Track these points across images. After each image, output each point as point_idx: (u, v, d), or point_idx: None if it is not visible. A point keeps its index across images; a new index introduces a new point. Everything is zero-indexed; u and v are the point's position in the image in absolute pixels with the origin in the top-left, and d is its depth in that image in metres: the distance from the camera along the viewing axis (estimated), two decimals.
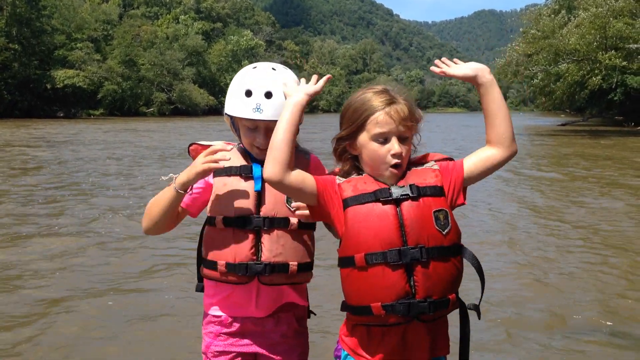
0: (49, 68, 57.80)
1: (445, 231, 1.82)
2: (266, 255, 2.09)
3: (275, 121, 1.99)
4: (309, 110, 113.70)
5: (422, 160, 1.99)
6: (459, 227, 1.87)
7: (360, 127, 1.89)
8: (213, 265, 2.13)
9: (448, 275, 1.82)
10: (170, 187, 2.11)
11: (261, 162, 2.12)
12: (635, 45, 29.08)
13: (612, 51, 29.83)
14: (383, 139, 1.86)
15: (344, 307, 1.92)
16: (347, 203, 1.87)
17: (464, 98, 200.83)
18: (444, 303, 1.82)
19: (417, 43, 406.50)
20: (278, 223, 2.11)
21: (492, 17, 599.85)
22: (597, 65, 30.74)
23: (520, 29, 40.90)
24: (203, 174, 2.07)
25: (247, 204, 2.11)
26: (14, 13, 53.90)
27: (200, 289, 2.30)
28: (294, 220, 2.12)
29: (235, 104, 2.12)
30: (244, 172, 2.14)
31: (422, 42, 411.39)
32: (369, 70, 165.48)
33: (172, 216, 2.16)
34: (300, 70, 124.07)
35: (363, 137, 1.89)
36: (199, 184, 2.18)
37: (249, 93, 2.10)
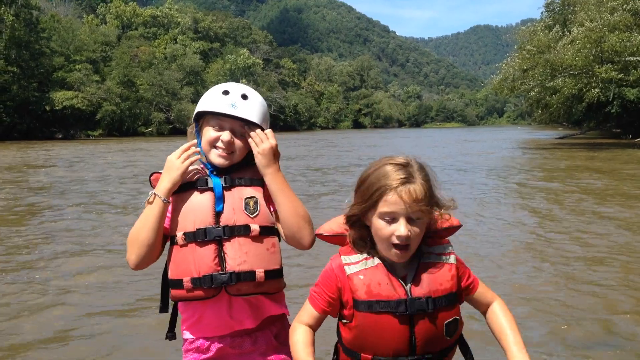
0: (47, 90, 58.22)
1: (453, 336, 1.86)
2: (230, 264, 2.06)
3: (244, 124, 2.11)
4: (307, 127, 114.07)
5: (430, 228, 1.90)
6: (462, 324, 1.91)
7: (373, 204, 1.82)
8: (179, 283, 2.09)
9: None
10: (152, 204, 2.08)
11: (217, 170, 2.16)
12: (632, 58, 29.27)
13: (609, 64, 30.01)
14: (390, 218, 1.79)
15: None
16: (357, 305, 1.82)
17: (461, 113, 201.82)
18: None
19: (414, 59, 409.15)
20: (238, 231, 2.08)
21: (488, 32, 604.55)
22: (594, 78, 30.91)
23: (515, 46, 41.31)
24: (185, 171, 2.09)
25: (206, 215, 2.09)
26: (12, 36, 54.38)
27: (170, 337, 2.28)
28: (254, 227, 2.10)
29: (211, 101, 2.14)
30: (200, 185, 2.13)
31: (418, 58, 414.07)
32: (366, 86, 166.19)
33: (161, 235, 2.11)
34: (298, 88, 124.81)
35: (372, 212, 1.83)
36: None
37: (226, 92, 2.15)
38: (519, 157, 27.33)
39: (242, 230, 2.09)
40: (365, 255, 1.88)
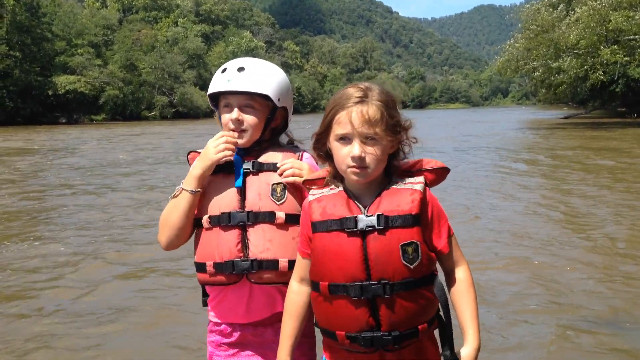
0: (50, 74, 58.10)
1: (414, 265, 1.70)
2: (253, 251, 2.03)
3: (246, 97, 2.08)
4: (311, 110, 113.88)
5: (411, 169, 1.86)
6: (432, 256, 1.77)
7: (329, 125, 1.79)
8: (203, 267, 2.08)
9: (415, 307, 1.73)
10: (182, 195, 2.08)
11: (246, 152, 2.15)
12: (636, 36, 28.97)
13: (614, 46, 29.72)
14: (344, 139, 1.74)
15: (316, 324, 1.88)
16: (315, 227, 1.79)
17: (465, 94, 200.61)
18: (411, 334, 1.73)
19: (418, 40, 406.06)
20: (263, 217, 2.05)
21: (491, 12, 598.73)
22: (599, 59, 30.63)
23: (519, 25, 40.90)
24: (217, 162, 2.06)
25: (230, 199, 2.08)
26: (14, 21, 54.12)
27: (205, 303, 2.26)
28: (280, 214, 2.06)
29: (213, 82, 2.16)
30: (228, 169, 2.12)
31: (422, 38, 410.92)
32: (369, 68, 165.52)
33: (191, 219, 2.11)
34: (301, 70, 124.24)
35: (330, 136, 1.79)
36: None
37: (224, 70, 2.14)
38: (524, 137, 27.27)
39: (267, 217, 2.05)
40: (330, 187, 1.86)
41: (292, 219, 2.07)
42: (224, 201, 2.08)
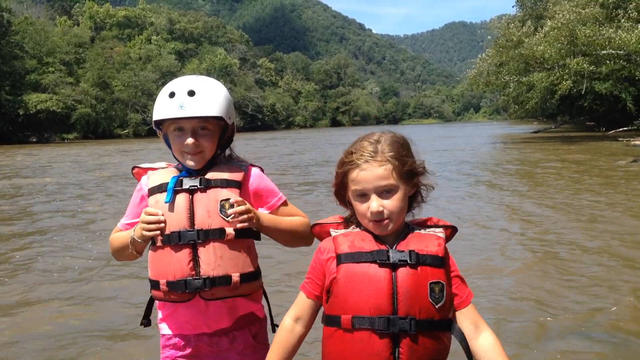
0: (20, 93, 57.22)
1: (439, 305, 1.73)
2: (204, 269, 2.03)
3: (200, 120, 2.07)
4: (286, 126, 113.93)
5: (425, 224, 1.91)
6: (453, 301, 1.80)
7: (343, 181, 1.84)
8: (157, 285, 2.08)
9: (435, 348, 1.74)
10: (130, 235, 2.13)
11: (190, 171, 2.14)
12: (604, 52, 29.71)
13: (581, 57, 30.43)
14: (361, 195, 1.79)
15: None
16: (340, 259, 1.78)
17: (438, 109, 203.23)
18: None
19: (391, 56, 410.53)
20: (213, 234, 2.04)
21: (463, 29, 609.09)
22: (567, 71, 31.31)
23: (489, 37, 41.68)
24: (146, 239, 2.09)
25: (179, 218, 2.06)
26: None
27: (144, 324, 2.27)
28: (230, 230, 2.05)
29: (161, 108, 2.08)
30: (176, 188, 2.11)
31: (395, 55, 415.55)
32: (343, 84, 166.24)
33: (133, 254, 2.18)
34: (275, 87, 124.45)
35: (348, 191, 1.84)
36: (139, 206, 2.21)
37: (172, 94, 2.07)
38: (496, 151, 27.64)
39: (217, 234, 2.05)
40: (352, 227, 1.90)
41: (241, 234, 2.07)
42: (174, 220, 2.06)
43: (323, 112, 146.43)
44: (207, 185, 2.09)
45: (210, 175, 2.12)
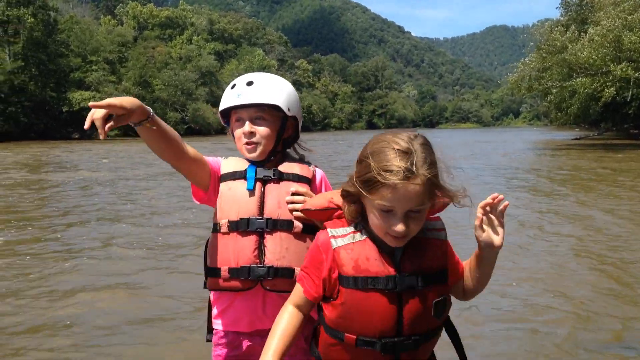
0: (65, 90, 58.80)
1: (441, 318, 1.74)
2: (269, 258, 2.04)
3: (257, 109, 2.09)
4: (321, 128, 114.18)
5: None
6: (450, 302, 1.80)
7: (369, 192, 1.61)
8: (216, 272, 2.07)
9: (432, 346, 1.81)
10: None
11: (256, 163, 2.16)
12: None
13: (626, 62, 29.65)
14: (387, 210, 1.60)
15: None
16: (343, 282, 1.68)
17: (477, 113, 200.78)
18: None
19: (429, 59, 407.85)
20: (281, 225, 2.07)
21: (504, 33, 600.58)
22: (610, 77, 30.56)
23: (531, 43, 40.93)
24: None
25: (250, 206, 2.08)
26: (30, 37, 55.03)
27: (209, 339, 2.21)
28: (297, 224, 2.07)
29: (223, 99, 2.18)
30: (246, 175, 2.14)
31: (433, 58, 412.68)
32: (380, 87, 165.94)
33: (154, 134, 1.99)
34: (312, 88, 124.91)
35: (367, 197, 1.62)
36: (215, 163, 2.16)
37: (233, 86, 2.17)
38: (539, 158, 27.11)
39: (285, 225, 2.07)
40: (352, 228, 1.74)
41: (308, 229, 2.07)
42: (243, 206, 2.08)
43: (359, 115, 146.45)
44: (280, 177, 2.14)
45: (282, 168, 2.17)
